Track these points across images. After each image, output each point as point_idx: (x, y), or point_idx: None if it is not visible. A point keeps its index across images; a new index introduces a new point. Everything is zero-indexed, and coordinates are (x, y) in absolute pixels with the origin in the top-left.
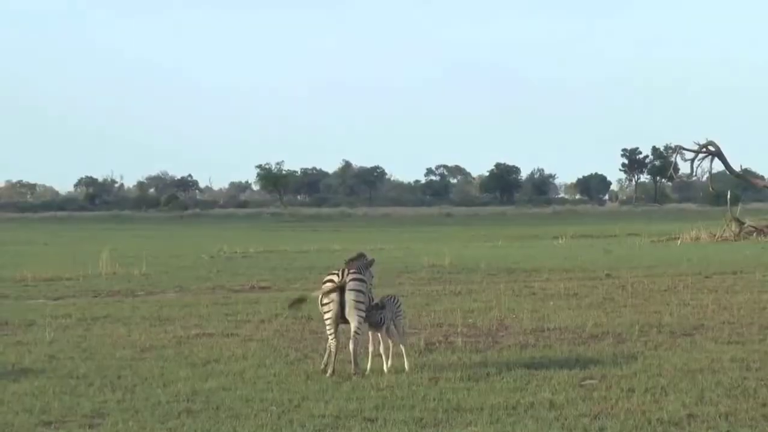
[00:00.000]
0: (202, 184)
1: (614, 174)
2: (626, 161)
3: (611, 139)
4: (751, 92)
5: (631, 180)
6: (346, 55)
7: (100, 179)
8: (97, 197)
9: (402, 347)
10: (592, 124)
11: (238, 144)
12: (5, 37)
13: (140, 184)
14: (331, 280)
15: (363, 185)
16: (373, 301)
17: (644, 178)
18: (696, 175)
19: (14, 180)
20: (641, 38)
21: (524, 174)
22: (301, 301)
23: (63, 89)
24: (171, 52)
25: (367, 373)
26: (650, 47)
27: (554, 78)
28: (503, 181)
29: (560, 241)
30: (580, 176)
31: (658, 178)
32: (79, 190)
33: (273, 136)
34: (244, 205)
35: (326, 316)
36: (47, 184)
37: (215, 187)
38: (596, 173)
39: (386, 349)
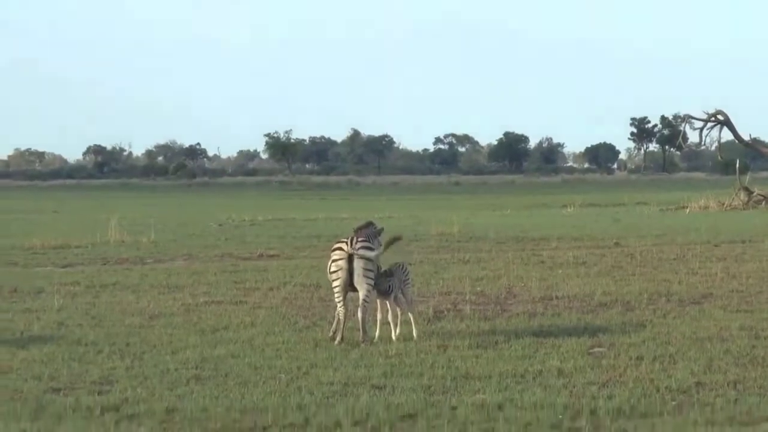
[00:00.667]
0: (210, 153)
1: (623, 143)
2: (635, 130)
3: (620, 108)
4: (761, 61)
5: (639, 149)
6: (355, 23)
7: (109, 147)
8: (106, 165)
9: (410, 315)
10: (600, 93)
11: (246, 112)
12: (13, 6)
13: (149, 153)
14: (340, 248)
15: (371, 154)
16: (381, 269)
17: (653, 147)
18: (705, 144)
19: (23, 148)
20: (651, 7)
21: (533, 143)
22: (395, 239)
23: (72, 58)
24: (179, 19)
25: (375, 340)
26: (660, 16)
27: (563, 47)
28: (512, 149)
29: (569, 210)
30: (589, 145)
31: (666, 147)
32: (87, 158)
33: (281, 105)
34: (252, 173)
35: (335, 283)
36: (56, 153)
37: (223, 156)
38: (605, 142)
39: (394, 317)
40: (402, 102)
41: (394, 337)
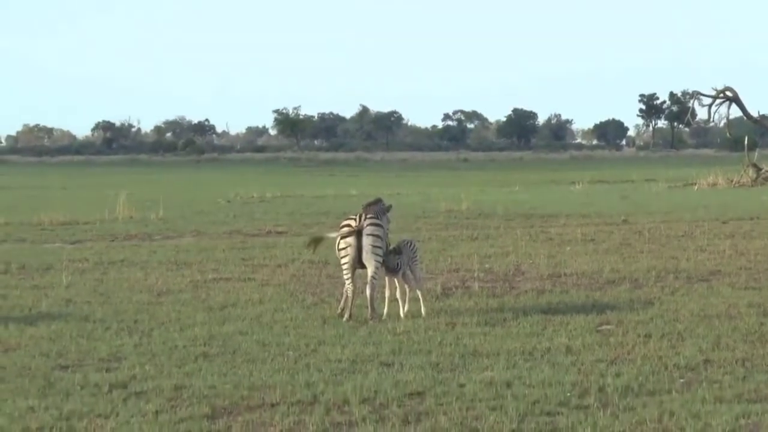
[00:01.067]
0: (219, 129)
1: (631, 119)
2: (643, 107)
3: (629, 85)
4: None
5: (648, 125)
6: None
7: (118, 123)
8: (115, 141)
9: (419, 292)
10: (609, 69)
11: (255, 88)
12: None
13: (157, 129)
14: (348, 225)
15: (380, 130)
16: (389, 246)
17: (661, 123)
18: (713, 121)
19: (32, 124)
20: None
21: (541, 119)
22: (318, 240)
23: (80, 34)
24: None
25: (383, 317)
26: None
27: (572, 23)
28: (520, 126)
29: (577, 187)
30: (598, 122)
31: (675, 123)
32: (96, 134)
33: (290, 81)
34: (261, 149)
35: (343, 260)
36: (64, 129)
37: (232, 132)
38: (613, 119)
39: (403, 293)
40: (410, 78)
41: (402, 314)
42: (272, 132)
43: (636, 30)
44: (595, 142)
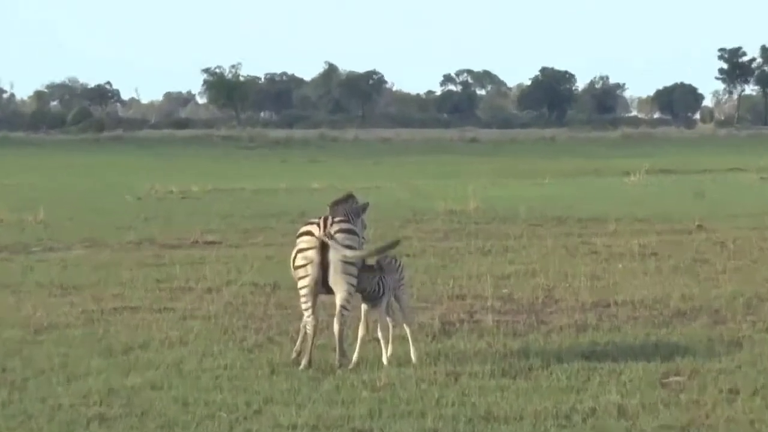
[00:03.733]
0: (125, 96)
1: (708, 85)
2: (725, 66)
3: (703, 36)
4: None
5: (731, 93)
6: None
7: None
8: None
9: (407, 328)
10: (676, 16)
11: (176, 40)
12: None
13: (38, 95)
14: (309, 233)
15: (353, 98)
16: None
17: (750, 89)
18: None
19: None
20: None
21: (581, 83)
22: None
23: None
24: None
25: (354, 364)
26: None
27: None
28: (551, 93)
29: (632, 179)
30: (660, 87)
31: None
32: None
33: (226, 29)
34: (184, 125)
35: (301, 283)
36: None
37: (144, 100)
38: (682, 83)
39: (385, 330)
40: (397, 27)
41: (384, 360)
42: (201, 100)
43: None
44: (657, 115)
